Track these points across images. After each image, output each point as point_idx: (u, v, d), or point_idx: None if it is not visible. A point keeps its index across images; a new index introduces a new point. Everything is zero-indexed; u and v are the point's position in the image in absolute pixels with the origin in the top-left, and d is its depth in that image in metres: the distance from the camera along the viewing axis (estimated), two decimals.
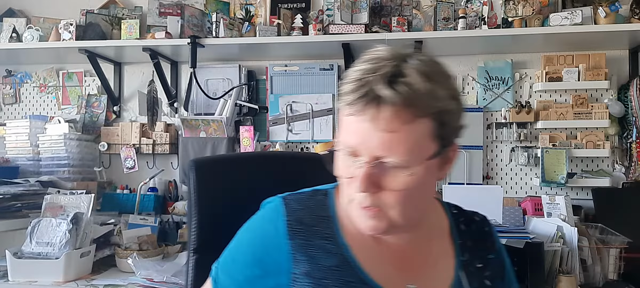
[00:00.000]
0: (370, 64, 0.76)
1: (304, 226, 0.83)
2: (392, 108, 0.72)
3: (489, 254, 0.89)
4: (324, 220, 0.84)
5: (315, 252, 0.81)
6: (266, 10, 2.73)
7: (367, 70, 0.75)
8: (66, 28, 2.62)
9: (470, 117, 2.55)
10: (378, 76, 0.73)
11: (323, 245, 0.81)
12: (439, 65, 0.80)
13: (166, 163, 2.79)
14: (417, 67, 0.75)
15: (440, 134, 0.76)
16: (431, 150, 0.76)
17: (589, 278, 1.95)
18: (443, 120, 0.76)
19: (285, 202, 0.86)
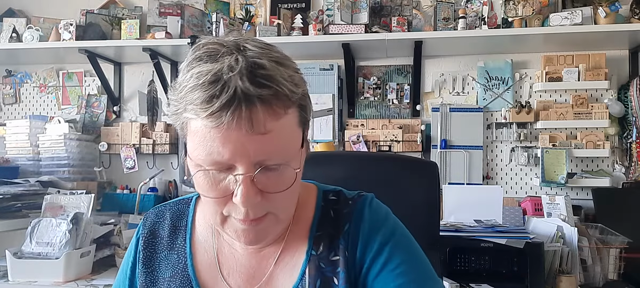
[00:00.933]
0: (213, 62, 0.66)
1: (156, 238, 0.85)
2: (263, 107, 0.64)
3: (339, 240, 0.77)
4: (177, 230, 0.84)
5: (158, 263, 0.83)
6: (266, 10, 2.73)
7: (217, 70, 0.64)
8: (66, 28, 2.62)
9: (470, 117, 2.55)
10: (236, 74, 0.63)
11: (168, 256, 0.82)
12: (272, 45, 0.71)
13: (166, 163, 2.79)
14: (263, 54, 0.67)
15: (303, 119, 0.72)
16: (300, 137, 0.72)
17: (589, 278, 1.96)
18: (303, 104, 0.71)
19: (144, 216, 0.88)
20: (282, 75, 0.66)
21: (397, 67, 2.66)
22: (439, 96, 2.63)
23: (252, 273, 0.79)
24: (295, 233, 0.79)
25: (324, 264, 0.77)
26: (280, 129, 0.66)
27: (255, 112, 0.63)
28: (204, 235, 0.83)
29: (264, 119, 0.64)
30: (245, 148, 0.64)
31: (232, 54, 0.66)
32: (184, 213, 0.86)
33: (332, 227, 0.79)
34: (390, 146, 2.53)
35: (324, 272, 0.76)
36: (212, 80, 0.63)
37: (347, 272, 0.75)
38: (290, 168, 0.69)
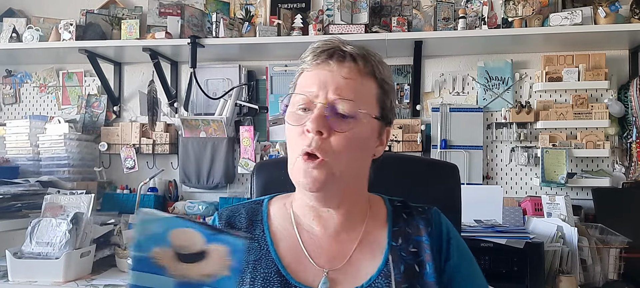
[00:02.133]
0: (330, 38, 0.91)
1: (234, 228, 0.94)
2: (351, 61, 0.85)
3: (419, 236, 0.91)
4: (254, 223, 0.94)
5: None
6: (266, 10, 2.73)
7: (328, 39, 0.90)
8: (66, 28, 2.62)
9: (470, 117, 2.55)
10: (338, 41, 0.89)
11: (250, 245, 0.91)
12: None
13: (166, 163, 2.79)
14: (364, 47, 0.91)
15: (383, 102, 0.88)
16: (376, 111, 0.87)
17: (589, 278, 1.96)
18: (385, 90, 0.89)
19: (218, 212, 0.99)
20: (374, 56, 0.89)
21: (397, 67, 2.66)
22: (439, 96, 2.63)
23: (334, 255, 0.88)
24: (371, 226, 0.92)
25: (405, 253, 0.89)
26: (358, 84, 0.85)
27: (344, 62, 0.85)
28: (282, 226, 0.93)
29: (349, 68, 0.85)
30: (327, 84, 0.83)
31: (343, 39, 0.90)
32: (258, 211, 0.96)
33: (408, 227, 0.92)
34: (390, 146, 2.53)
35: (405, 260, 0.88)
36: (322, 43, 0.89)
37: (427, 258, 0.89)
38: (358, 128, 0.83)
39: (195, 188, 2.73)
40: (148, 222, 0.60)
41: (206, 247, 0.60)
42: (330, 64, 0.85)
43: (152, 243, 0.59)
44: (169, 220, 0.61)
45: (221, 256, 0.60)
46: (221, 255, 0.60)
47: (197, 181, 2.69)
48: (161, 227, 0.60)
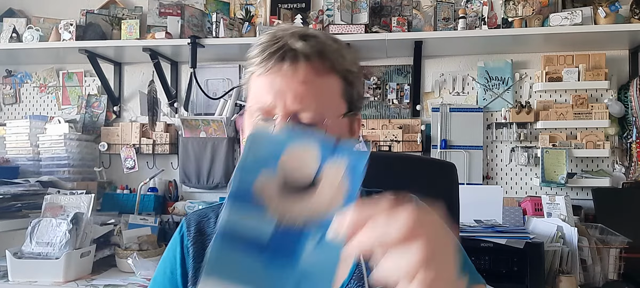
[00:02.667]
0: (276, 31, 0.78)
1: (203, 235, 0.88)
2: (306, 61, 0.74)
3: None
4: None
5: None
6: (266, 10, 2.73)
7: (276, 33, 0.77)
8: (66, 28, 2.62)
9: (470, 117, 2.55)
10: (289, 34, 0.76)
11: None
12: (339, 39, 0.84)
13: (166, 163, 2.79)
14: (323, 32, 0.81)
15: (349, 95, 0.79)
16: (342, 108, 0.79)
17: (589, 278, 1.96)
18: (350, 81, 0.80)
19: (186, 218, 0.93)
20: (331, 46, 0.78)
21: (397, 67, 2.66)
22: (439, 96, 2.63)
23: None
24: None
25: None
26: (319, 86, 0.75)
27: (298, 64, 0.74)
28: None
29: (305, 71, 0.74)
30: (284, 93, 0.73)
31: (295, 27, 0.78)
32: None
33: None
34: (390, 146, 2.53)
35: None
36: (269, 39, 0.77)
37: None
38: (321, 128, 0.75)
39: (195, 188, 2.73)
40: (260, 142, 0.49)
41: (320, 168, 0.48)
42: (283, 68, 0.74)
43: (260, 166, 0.48)
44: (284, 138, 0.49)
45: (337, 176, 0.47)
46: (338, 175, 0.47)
47: (197, 181, 2.69)
48: (274, 146, 0.48)
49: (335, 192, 0.47)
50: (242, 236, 0.47)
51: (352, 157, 0.47)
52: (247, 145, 0.48)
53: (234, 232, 0.47)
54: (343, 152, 0.48)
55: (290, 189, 0.48)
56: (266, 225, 0.47)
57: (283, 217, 0.47)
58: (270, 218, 0.47)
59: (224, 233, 0.46)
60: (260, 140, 0.49)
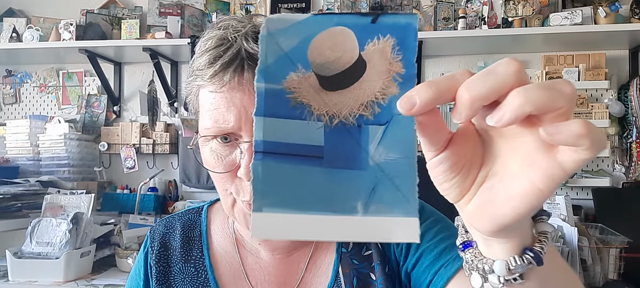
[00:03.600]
0: (222, 30, 0.63)
1: (168, 250, 0.80)
2: None
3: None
4: (190, 241, 0.80)
5: (173, 277, 0.78)
6: (266, 10, 2.73)
7: (226, 35, 0.62)
8: (66, 28, 2.62)
9: None
10: (241, 36, 0.61)
11: (183, 269, 0.78)
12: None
13: (166, 163, 2.79)
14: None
15: None
16: None
17: (589, 278, 1.96)
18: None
19: (151, 229, 0.84)
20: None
21: None
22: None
23: (283, 281, 0.74)
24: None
25: (358, 260, 0.73)
26: None
27: None
28: (223, 246, 0.79)
29: None
30: (249, 112, 0.60)
31: (242, 22, 0.64)
32: (196, 223, 0.82)
33: None
34: None
35: (358, 268, 0.72)
36: (217, 44, 0.62)
37: (382, 264, 0.72)
38: None
39: (196, 188, 2.73)
40: (280, 34, 0.38)
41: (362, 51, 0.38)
42: (243, 81, 0.60)
43: (287, 66, 0.38)
44: (307, 23, 0.38)
45: (385, 58, 0.38)
46: (385, 57, 0.38)
47: (197, 181, 2.69)
48: (298, 36, 0.38)
49: (386, 76, 0.38)
50: (288, 148, 0.37)
51: (398, 30, 0.38)
52: (262, 43, 0.38)
53: (277, 145, 0.37)
54: (385, 28, 0.38)
55: (330, 83, 0.39)
56: (314, 128, 0.38)
57: (330, 116, 0.38)
58: (316, 119, 0.38)
59: (266, 150, 0.37)
60: (278, 34, 0.38)
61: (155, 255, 0.80)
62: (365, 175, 0.38)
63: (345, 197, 0.37)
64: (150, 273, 0.80)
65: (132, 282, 0.84)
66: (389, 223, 0.37)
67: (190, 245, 0.80)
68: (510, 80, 0.32)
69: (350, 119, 0.38)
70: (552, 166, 0.32)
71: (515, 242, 0.38)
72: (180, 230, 0.81)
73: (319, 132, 0.38)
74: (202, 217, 0.83)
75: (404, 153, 0.37)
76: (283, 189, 0.37)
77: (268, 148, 0.37)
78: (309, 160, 0.38)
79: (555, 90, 0.31)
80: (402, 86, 0.38)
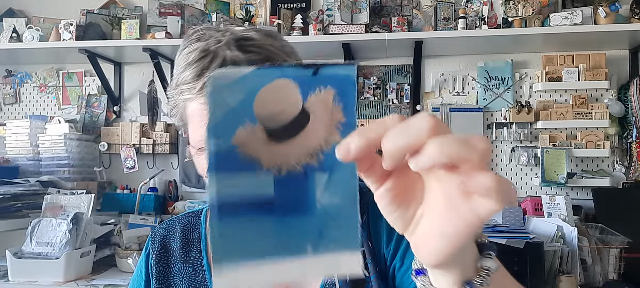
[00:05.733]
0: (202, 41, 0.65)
1: (168, 251, 0.83)
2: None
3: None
4: (190, 242, 0.82)
5: (173, 277, 0.81)
6: (266, 10, 2.73)
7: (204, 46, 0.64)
8: (66, 28, 2.62)
9: (470, 117, 2.55)
10: (223, 46, 0.63)
11: (182, 269, 0.80)
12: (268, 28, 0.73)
13: (166, 163, 2.79)
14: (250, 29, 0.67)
15: None
16: None
17: (589, 278, 1.96)
18: None
19: (152, 231, 0.87)
20: (272, 44, 0.66)
21: (397, 67, 2.66)
22: (439, 96, 2.63)
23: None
24: None
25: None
26: None
27: None
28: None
29: None
30: None
31: (220, 32, 0.65)
32: (195, 226, 0.84)
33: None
34: None
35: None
36: (201, 56, 0.63)
37: (373, 261, 0.73)
38: None
39: (196, 188, 2.73)
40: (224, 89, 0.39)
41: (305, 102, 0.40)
42: None
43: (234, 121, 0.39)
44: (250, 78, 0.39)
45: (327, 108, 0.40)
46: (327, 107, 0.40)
47: (197, 181, 2.69)
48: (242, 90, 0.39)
49: (329, 125, 0.40)
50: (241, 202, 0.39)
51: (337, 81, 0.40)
52: (209, 99, 0.39)
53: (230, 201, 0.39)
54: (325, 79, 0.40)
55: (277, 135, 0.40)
56: (264, 179, 0.40)
57: (278, 167, 0.40)
58: (265, 171, 0.40)
59: (220, 207, 0.38)
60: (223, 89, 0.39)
61: (155, 256, 0.83)
62: (313, 219, 0.40)
63: (296, 240, 0.40)
64: (151, 273, 0.82)
65: (134, 282, 0.86)
66: (336, 259, 0.40)
67: (190, 246, 0.82)
68: (423, 134, 0.35)
69: (297, 168, 0.40)
70: (468, 212, 0.36)
71: (455, 275, 0.42)
72: (180, 233, 0.84)
73: (268, 183, 0.40)
74: (201, 220, 0.85)
75: (346, 196, 0.40)
76: (240, 242, 0.39)
77: (222, 204, 0.39)
78: (261, 211, 0.40)
79: (469, 145, 0.34)
80: (343, 133, 0.40)
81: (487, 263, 0.43)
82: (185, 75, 0.65)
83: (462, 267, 0.42)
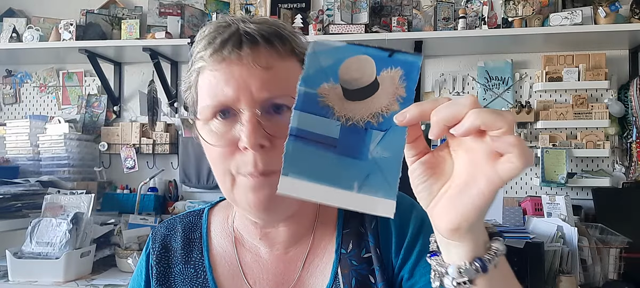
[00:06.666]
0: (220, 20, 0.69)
1: (169, 252, 0.81)
2: (266, 44, 0.66)
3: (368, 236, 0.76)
4: (191, 242, 0.81)
5: (173, 278, 0.80)
6: (266, 10, 2.73)
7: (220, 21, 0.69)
8: (66, 28, 2.62)
9: None
10: (238, 19, 0.68)
11: (183, 270, 0.79)
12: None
13: (166, 163, 2.79)
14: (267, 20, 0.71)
15: None
16: None
17: (589, 278, 1.96)
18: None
19: (153, 230, 0.85)
20: (286, 28, 0.71)
21: None
22: (439, 96, 2.63)
23: (281, 279, 0.76)
24: (321, 232, 0.77)
25: (356, 262, 0.74)
26: (284, 69, 0.67)
27: (259, 48, 0.66)
28: (222, 246, 0.80)
29: (267, 55, 0.66)
30: (248, 84, 0.64)
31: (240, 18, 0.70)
32: (196, 226, 0.83)
33: (360, 224, 0.76)
34: None
35: (358, 270, 0.74)
36: (216, 28, 0.67)
37: (381, 269, 0.73)
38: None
39: (195, 188, 2.73)
40: (321, 54, 0.52)
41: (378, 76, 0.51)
42: (242, 55, 0.64)
43: (322, 77, 0.51)
44: (342, 49, 0.52)
45: (393, 83, 0.51)
46: (393, 82, 0.51)
47: (197, 181, 2.69)
48: (333, 57, 0.52)
49: (392, 96, 0.51)
50: (313, 136, 0.51)
51: (406, 65, 0.51)
52: (307, 59, 0.51)
53: (306, 132, 0.50)
54: (397, 62, 0.51)
55: (351, 95, 0.52)
56: (333, 125, 0.51)
57: (347, 118, 0.51)
58: (336, 119, 0.51)
59: (297, 135, 0.50)
60: (320, 54, 0.52)
61: (156, 256, 0.81)
62: (364, 164, 0.50)
63: (347, 177, 0.50)
64: (151, 273, 0.81)
65: (134, 283, 0.85)
66: (374, 201, 0.50)
67: (191, 246, 0.81)
68: (466, 108, 0.44)
69: (360, 123, 0.51)
70: (492, 173, 0.43)
71: (468, 249, 0.48)
72: (181, 232, 0.83)
73: (336, 128, 0.51)
74: (203, 219, 0.84)
75: (394, 154, 0.50)
76: (305, 164, 0.50)
77: (299, 133, 0.50)
78: (326, 147, 0.51)
79: (500, 115, 0.42)
80: (401, 105, 0.51)
81: (496, 245, 0.49)
82: (198, 46, 0.68)
83: (474, 244, 0.47)
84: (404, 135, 0.50)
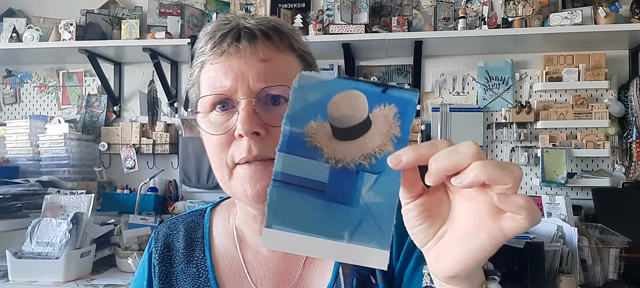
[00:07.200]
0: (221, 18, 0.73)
1: (172, 251, 0.82)
2: (264, 39, 0.68)
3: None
4: (193, 242, 0.82)
5: (176, 277, 0.80)
6: (266, 10, 2.73)
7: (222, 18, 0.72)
8: (66, 28, 2.62)
9: (470, 117, 2.55)
10: (239, 16, 0.71)
11: (186, 269, 0.80)
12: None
13: (166, 163, 2.79)
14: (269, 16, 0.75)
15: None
16: None
17: (589, 278, 1.96)
18: (309, 62, 0.76)
19: (155, 230, 0.87)
20: (285, 25, 0.73)
21: (397, 67, 2.66)
22: (439, 96, 2.63)
23: (282, 277, 0.76)
24: None
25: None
26: (282, 62, 0.69)
27: (257, 42, 0.68)
28: (224, 245, 0.81)
29: (264, 48, 0.68)
30: (245, 75, 0.67)
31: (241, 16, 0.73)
32: (198, 225, 0.84)
33: None
34: None
35: (358, 270, 0.74)
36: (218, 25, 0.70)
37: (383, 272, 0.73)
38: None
39: (195, 188, 2.73)
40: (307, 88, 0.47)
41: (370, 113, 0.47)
42: (240, 48, 0.67)
43: (309, 115, 0.47)
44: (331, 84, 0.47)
45: (387, 122, 0.47)
46: (387, 121, 0.47)
47: (197, 181, 2.69)
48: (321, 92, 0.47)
49: (385, 136, 0.47)
50: (299, 180, 0.46)
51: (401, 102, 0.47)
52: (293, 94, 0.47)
53: (291, 177, 0.46)
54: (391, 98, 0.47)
55: (341, 134, 0.47)
56: (322, 168, 0.47)
57: (336, 160, 0.47)
58: (325, 161, 0.47)
59: (282, 180, 0.46)
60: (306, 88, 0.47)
61: (158, 255, 0.82)
62: (355, 211, 0.46)
63: (336, 225, 0.46)
64: (153, 272, 0.81)
65: (136, 282, 0.85)
66: (365, 252, 0.46)
67: (193, 246, 0.82)
68: (468, 158, 0.41)
69: (351, 165, 0.47)
70: (496, 229, 0.41)
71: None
72: (183, 232, 0.83)
73: (325, 171, 0.47)
74: (205, 219, 0.85)
75: (388, 199, 0.46)
76: (290, 213, 0.46)
77: (283, 178, 0.46)
78: (313, 193, 0.46)
79: (506, 170, 0.40)
80: (396, 146, 0.47)
81: (492, 286, 0.49)
82: (201, 42, 0.71)
83: (472, 285, 0.47)
84: (398, 179, 0.46)
